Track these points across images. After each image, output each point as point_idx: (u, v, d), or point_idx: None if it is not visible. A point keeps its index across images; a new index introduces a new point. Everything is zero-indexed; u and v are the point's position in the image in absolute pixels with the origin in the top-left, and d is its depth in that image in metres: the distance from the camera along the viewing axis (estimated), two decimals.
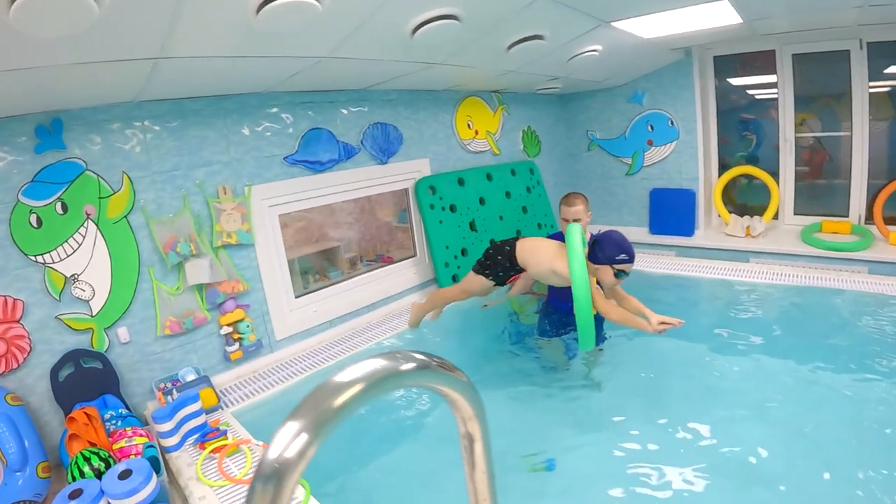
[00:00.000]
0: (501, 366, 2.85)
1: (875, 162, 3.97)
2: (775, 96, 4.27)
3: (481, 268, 2.74)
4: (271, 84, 2.65)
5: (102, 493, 1.57)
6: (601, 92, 4.76)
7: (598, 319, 2.75)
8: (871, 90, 3.85)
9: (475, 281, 2.76)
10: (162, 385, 2.50)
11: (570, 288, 2.44)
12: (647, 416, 2.27)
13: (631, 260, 2.38)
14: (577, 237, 2.34)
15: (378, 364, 0.58)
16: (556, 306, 3.10)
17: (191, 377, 2.55)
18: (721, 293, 3.61)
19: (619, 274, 2.38)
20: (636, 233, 4.70)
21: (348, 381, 0.55)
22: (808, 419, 2.12)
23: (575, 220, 3.00)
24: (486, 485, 0.76)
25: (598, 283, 2.49)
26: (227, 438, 2.09)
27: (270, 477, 0.50)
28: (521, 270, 2.70)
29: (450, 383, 0.67)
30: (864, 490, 1.71)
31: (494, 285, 2.75)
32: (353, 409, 0.54)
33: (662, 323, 2.26)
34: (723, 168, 4.64)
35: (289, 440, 0.51)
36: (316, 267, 3.67)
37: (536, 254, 2.60)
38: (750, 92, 4.49)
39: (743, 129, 4.53)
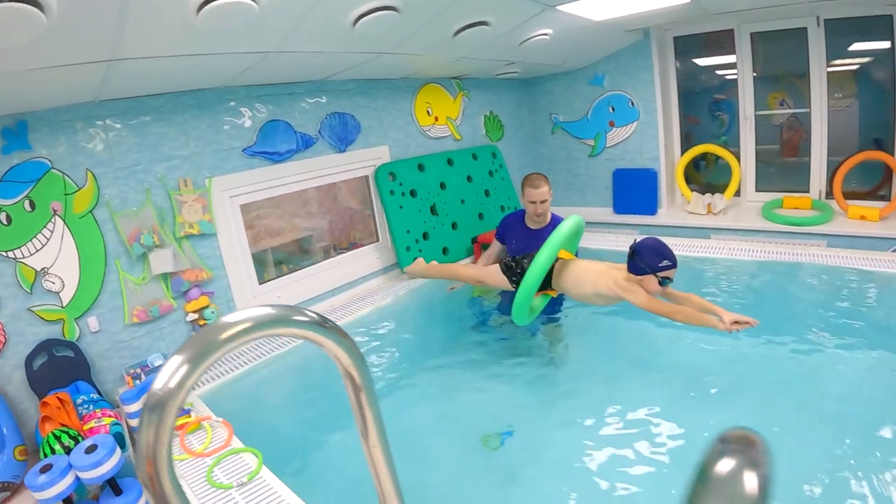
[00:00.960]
0: (465, 346, 3.06)
1: (841, 138, 4.19)
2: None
3: (509, 272, 2.81)
4: (226, 79, 2.85)
5: (70, 466, 1.76)
6: (562, 75, 4.98)
7: (559, 297, 2.99)
8: (836, 69, 4.06)
9: (496, 277, 2.84)
10: (132, 371, 2.70)
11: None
12: (608, 394, 2.44)
13: (674, 265, 2.34)
14: (569, 226, 2.53)
15: (263, 311, 0.70)
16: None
17: (159, 363, 2.75)
18: (682, 269, 3.83)
19: (663, 281, 2.33)
20: (600, 213, 4.95)
21: (232, 321, 0.68)
22: (771, 390, 2.29)
23: (542, 202, 3.22)
24: (375, 430, 0.88)
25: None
26: (190, 417, 2.31)
27: (155, 406, 0.60)
28: (548, 287, 2.73)
29: (331, 338, 0.78)
30: (820, 461, 1.87)
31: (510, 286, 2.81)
32: (231, 347, 0.66)
33: (736, 322, 2.17)
34: None
35: (171, 373, 0.62)
36: (290, 257, 3.87)
37: (579, 283, 2.60)
38: (720, 72, 4.70)
39: (716, 110, 4.76)
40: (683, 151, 4.87)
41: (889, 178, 4.03)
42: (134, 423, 2.31)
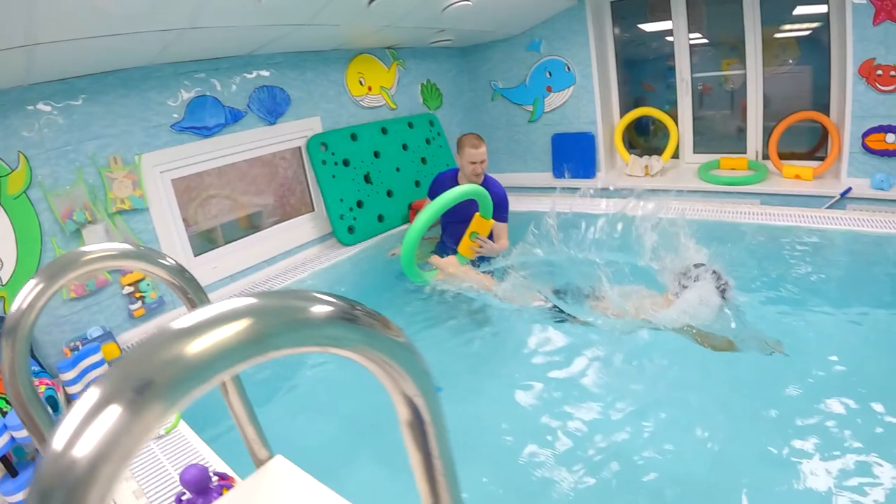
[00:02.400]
0: (403, 307, 3.30)
1: (786, 101, 4.49)
2: (695, 42, 4.79)
3: None
4: (150, 57, 3.08)
5: (5, 427, 2.02)
6: (501, 42, 5.25)
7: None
8: (784, 34, 4.37)
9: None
10: (71, 344, 2.96)
11: (460, 229, 2.99)
12: (536, 351, 2.69)
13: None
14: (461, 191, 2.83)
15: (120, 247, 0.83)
16: (446, 246, 3.65)
17: (96, 335, 3.02)
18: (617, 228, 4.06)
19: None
20: (541, 178, 5.28)
21: (86, 251, 0.83)
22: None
23: (482, 162, 3.50)
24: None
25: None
26: None
27: (11, 329, 0.73)
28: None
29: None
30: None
31: None
32: (80, 273, 0.81)
33: None
34: None
35: (24, 297, 0.74)
36: (242, 232, 4.08)
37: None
38: (670, 39, 4.96)
39: (670, 77, 5.02)
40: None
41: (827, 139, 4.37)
42: (70, 389, 2.58)
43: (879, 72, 3.72)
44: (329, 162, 4.02)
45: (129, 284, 3.20)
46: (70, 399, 2.59)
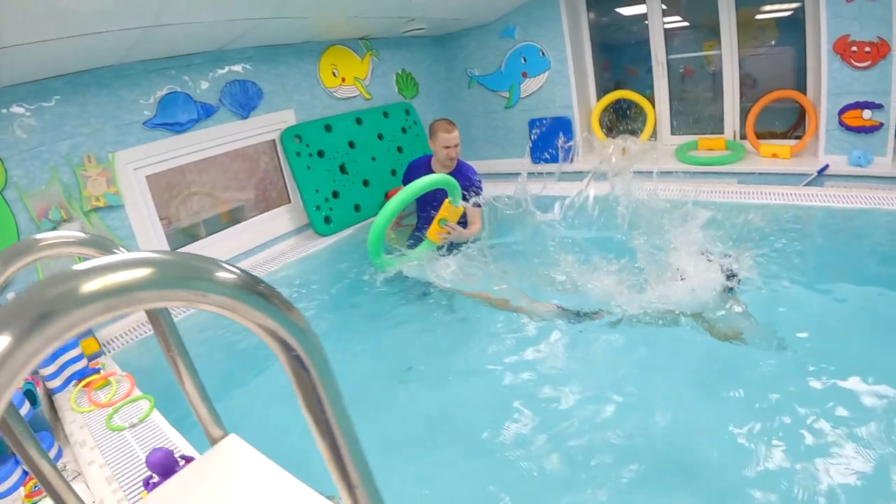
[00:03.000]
0: (378, 296, 3.38)
1: (765, 81, 4.60)
2: (677, 25, 4.89)
3: None
4: (119, 56, 3.17)
5: None
6: (475, 29, 5.34)
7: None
8: (763, 16, 4.49)
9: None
10: None
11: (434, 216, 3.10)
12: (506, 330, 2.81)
13: None
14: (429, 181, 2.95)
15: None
16: (421, 233, 3.76)
17: None
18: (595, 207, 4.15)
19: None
20: (519, 164, 5.36)
21: None
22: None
23: (455, 146, 3.60)
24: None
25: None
26: (98, 374, 2.69)
27: None
28: None
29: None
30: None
31: None
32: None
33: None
34: None
35: None
36: (224, 227, 4.16)
37: None
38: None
39: (650, 62, 5.07)
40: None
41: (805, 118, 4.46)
42: (50, 384, 2.68)
43: (854, 48, 3.80)
44: (303, 154, 4.11)
45: None
46: (51, 393, 2.69)
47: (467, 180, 3.66)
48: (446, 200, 3.37)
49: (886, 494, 1.57)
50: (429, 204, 3.59)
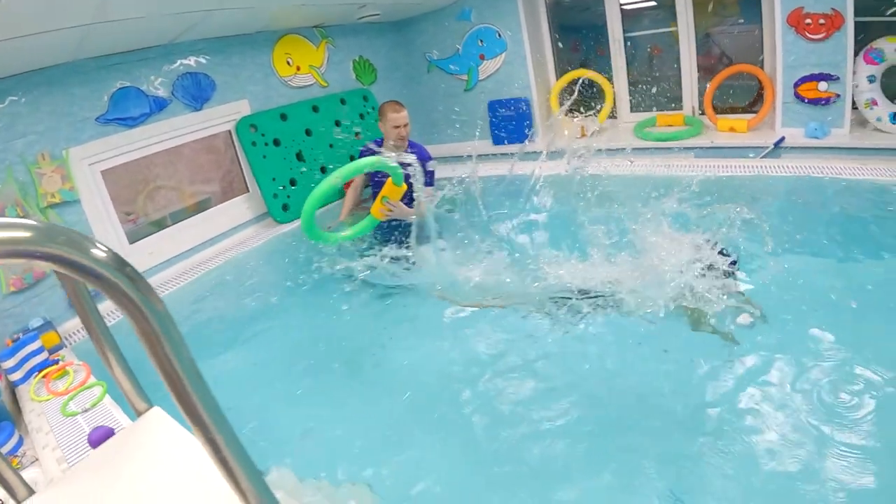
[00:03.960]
0: (334, 280, 3.49)
1: (736, 58, 4.75)
2: (645, 5, 5.04)
3: None
4: (68, 54, 3.27)
5: None
6: (433, 14, 5.46)
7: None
8: None
9: None
10: (14, 336, 3.19)
11: None
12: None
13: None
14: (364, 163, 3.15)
15: None
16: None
17: (36, 325, 3.25)
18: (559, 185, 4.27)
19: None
20: (481, 146, 5.51)
21: None
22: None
23: (405, 126, 3.74)
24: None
25: None
26: (55, 366, 2.82)
27: None
28: None
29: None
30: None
31: None
32: None
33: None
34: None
35: None
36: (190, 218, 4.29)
37: None
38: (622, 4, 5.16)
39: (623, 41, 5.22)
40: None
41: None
42: (12, 376, 2.82)
43: (808, 20, 3.94)
44: (259, 143, 4.24)
45: None
46: (13, 386, 2.83)
47: (421, 159, 3.81)
48: (389, 179, 3.51)
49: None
50: (381, 186, 3.73)
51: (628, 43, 5.24)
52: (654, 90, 5.25)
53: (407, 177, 3.44)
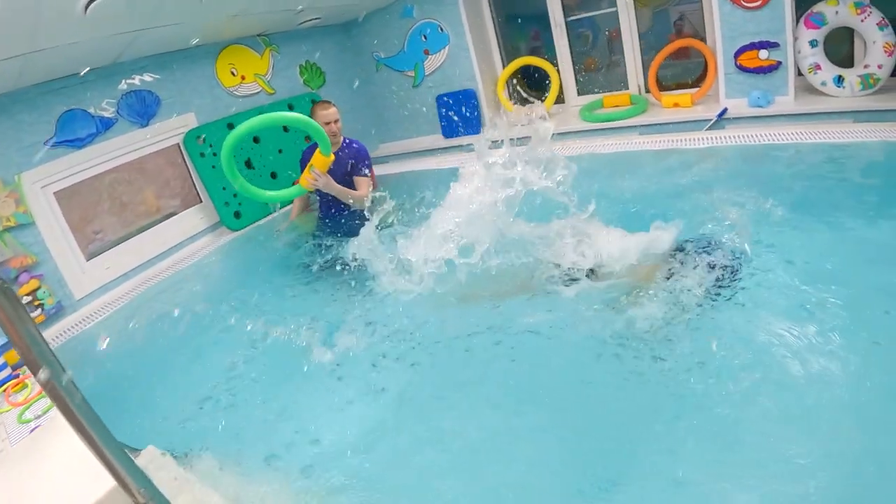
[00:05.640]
0: (288, 279, 3.67)
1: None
2: None
3: None
4: (11, 83, 3.49)
5: None
6: (376, 13, 5.69)
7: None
8: None
9: None
10: None
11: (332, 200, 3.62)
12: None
13: None
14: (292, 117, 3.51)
15: None
16: (325, 214, 4.16)
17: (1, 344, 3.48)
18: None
19: None
20: (432, 141, 5.76)
21: None
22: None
23: (335, 122, 3.96)
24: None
25: None
26: (16, 379, 3.05)
27: None
28: None
29: None
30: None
31: None
32: None
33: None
34: None
35: None
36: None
37: None
38: None
39: (578, 27, 5.46)
40: None
41: None
42: None
43: None
44: (207, 154, 4.47)
45: (27, 294, 3.65)
46: None
47: (352, 150, 4.04)
48: (317, 150, 3.76)
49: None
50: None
51: (584, 29, 5.47)
52: (613, 75, 5.48)
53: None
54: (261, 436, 2.22)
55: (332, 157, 3.80)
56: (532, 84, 5.79)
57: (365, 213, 3.99)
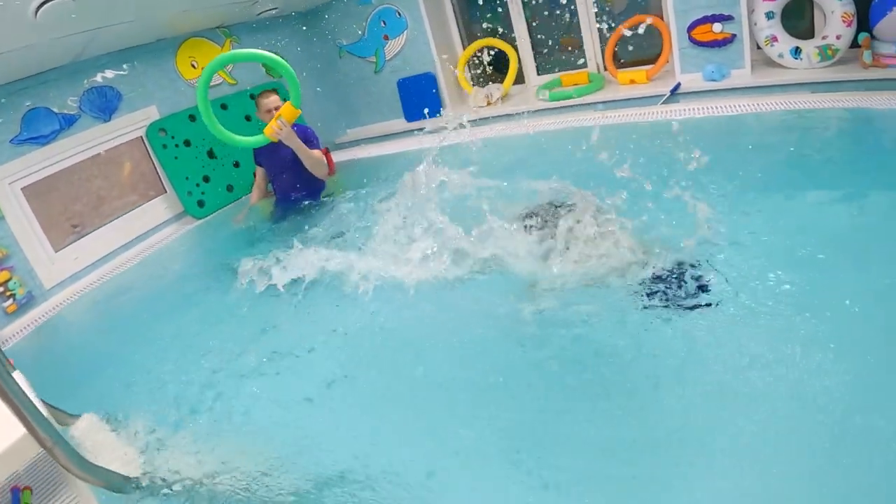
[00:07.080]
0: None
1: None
2: None
3: None
4: None
5: None
6: (336, 1, 5.89)
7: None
8: None
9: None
10: None
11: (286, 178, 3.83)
12: None
13: None
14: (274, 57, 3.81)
15: None
16: (282, 197, 4.40)
17: None
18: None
19: None
20: (396, 125, 5.99)
21: None
22: None
23: (276, 108, 4.12)
24: None
25: None
26: None
27: None
28: None
29: None
30: None
31: None
32: None
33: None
34: None
35: None
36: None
37: None
38: None
39: (555, 8, 5.54)
40: None
41: None
42: None
43: None
44: (170, 145, 4.70)
45: None
46: None
47: (302, 133, 4.18)
48: (287, 101, 3.96)
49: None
50: (280, 168, 4.29)
51: (555, 9, 5.55)
52: (557, 50, 5.67)
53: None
54: (205, 405, 2.35)
55: (300, 111, 4.00)
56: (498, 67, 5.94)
57: (320, 196, 4.27)
